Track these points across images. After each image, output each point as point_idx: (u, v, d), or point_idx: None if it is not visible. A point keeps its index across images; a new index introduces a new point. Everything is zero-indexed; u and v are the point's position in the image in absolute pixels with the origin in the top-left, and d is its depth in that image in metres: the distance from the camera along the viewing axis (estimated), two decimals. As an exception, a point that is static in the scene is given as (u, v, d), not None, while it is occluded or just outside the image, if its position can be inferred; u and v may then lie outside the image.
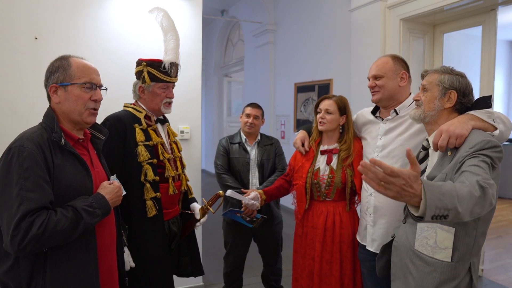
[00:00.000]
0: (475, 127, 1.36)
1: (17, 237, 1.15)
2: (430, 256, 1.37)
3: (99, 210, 1.33)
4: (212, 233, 4.23)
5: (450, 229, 1.32)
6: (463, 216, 1.09)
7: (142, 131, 1.87)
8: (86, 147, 1.46)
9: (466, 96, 1.43)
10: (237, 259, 2.76)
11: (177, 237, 2.04)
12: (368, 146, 1.96)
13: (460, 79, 1.44)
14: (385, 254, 1.62)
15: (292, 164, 2.22)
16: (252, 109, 2.72)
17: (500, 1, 2.95)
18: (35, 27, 2.46)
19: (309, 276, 2.05)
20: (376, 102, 1.90)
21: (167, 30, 2.02)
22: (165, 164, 1.90)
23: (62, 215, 1.23)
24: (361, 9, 3.79)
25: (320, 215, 2.04)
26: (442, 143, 1.36)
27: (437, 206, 1.04)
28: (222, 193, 2.13)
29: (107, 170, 1.56)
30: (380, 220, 1.84)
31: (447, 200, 1.05)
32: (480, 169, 1.19)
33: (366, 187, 1.91)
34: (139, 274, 1.82)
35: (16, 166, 1.20)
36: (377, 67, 1.85)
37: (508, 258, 3.90)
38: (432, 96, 1.46)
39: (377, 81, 1.84)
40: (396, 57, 1.88)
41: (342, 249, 2.01)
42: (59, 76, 1.35)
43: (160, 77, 1.90)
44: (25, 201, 1.18)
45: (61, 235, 1.22)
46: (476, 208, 1.11)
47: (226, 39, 8.47)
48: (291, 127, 5.66)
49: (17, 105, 2.42)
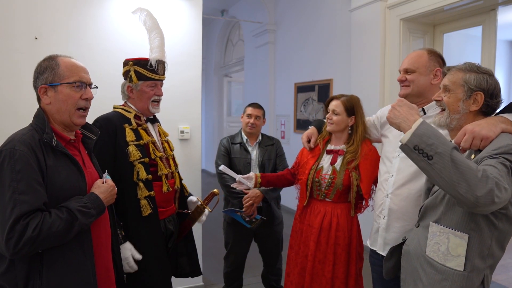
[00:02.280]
0: (505, 131, 1.22)
1: (12, 240, 1.15)
2: (441, 264, 1.27)
3: (93, 210, 1.32)
4: (212, 233, 4.23)
5: (464, 236, 1.22)
6: (447, 176, 1.07)
7: (132, 130, 1.87)
8: (78, 148, 1.46)
9: (494, 98, 1.29)
10: (237, 259, 2.76)
11: (174, 236, 2.04)
12: (389, 145, 1.85)
13: (488, 78, 1.28)
14: (394, 256, 1.54)
15: (299, 159, 2.21)
16: (254, 109, 2.72)
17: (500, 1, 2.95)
18: (35, 27, 2.46)
19: (300, 274, 2.04)
20: (403, 97, 1.72)
21: (151, 29, 2.02)
22: (157, 162, 1.90)
23: (56, 217, 1.22)
24: (361, 9, 3.79)
25: (318, 214, 2.03)
26: (465, 144, 1.24)
27: (424, 140, 1.12)
28: (217, 191, 2.13)
29: (99, 170, 1.55)
30: (394, 224, 1.75)
31: (439, 142, 1.10)
32: (494, 169, 1.10)
33: (383, 188, 1.81)
34: (137, 274, 1.81)
35: (8, 169, 1.19)
36: (410, 61, 1.72)
37: (508, 258, 3.90)
38: (456, 98, 1.31)
39: (407, 75, 1.71)
40: (432, 51, 1.73)
41: (336, 251, 1.98)
42: (47, 77, 1.34)
43: (147, 75, 1.90)
44: (18, 204, 1.17)
45: (56, 237, 1.22)
46: (463, 182, 1.05)
47: (226, 39, 8.47)
48: (291, 127, 5.66)
49: (17, 105, 2.42)
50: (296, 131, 5.53)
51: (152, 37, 2.00)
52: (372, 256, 1.90)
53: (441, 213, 1.30)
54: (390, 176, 1.78)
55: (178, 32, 2.86)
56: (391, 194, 1.76)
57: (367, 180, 1.97)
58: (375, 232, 1.86)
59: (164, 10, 2.80)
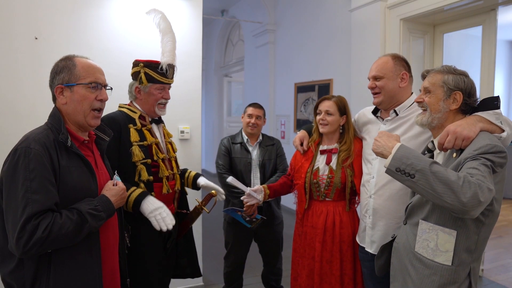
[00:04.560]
0: (483, 129, 1.32)
1: (22, 239, 1.15)
2: (430, 259, 1.35)
3: (104, 213, 1.32)
4: (212, 233, 4.23)
5: (452, 232, 1.30)
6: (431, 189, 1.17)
7: (137, 131, 1.87)
8: (91, 148, 1.46)
9: (471, 97, 1.39)
10: (238, 259, 2.76)
11: (173, 236, 2.04)
12: (368, 147, 1.94)
13: (465, 79, 1.39)
14: (384, 254, 1.61)
15: (293, 164, 2.22)
16: (254, 109, 2.72)
17: (500, 1, 2.95)
18: (35, 27, 2.46)
19: (309, 276, 2.05)
20: (377, 105, 1.88)
21: (165, 32, 2.03)
22: (159, 164, 1.91)
23: (67, 218, 1.22)
24: (361, 9, 3.79)
25: (320, 215, 2.04)
26: (448, 145, 1.33)
27: (403, 162, 1.24)
28: (215, 192, 2.13)
29: (111, 171, 1.55)
30: (379, 222, 1.83)
31: (417, 161, 1.22)
32: (477, 171, 1.17)
33: (366, 189, 1.90)
34: (136, 275, 1.81)
35: (23, 167, 1.19)
36: (377, 68, 1.82)
37: (508, 258, 3.90)
38: (436, 98, 1.40)
39: (377, 82, 1.81)
40: (396, 56, 1.84)
41: (342, 249, 2.00)
42: (64, 77, 1.34)
43: (157, 78, 1.90)
44: (30, 203, 1.17)
45: (65, 238, 1.22)
46: (448, 192, 1.14)
47: (226, 39, 8.47)
48: (291, 127, 5.66)
49: (17, 105, 2.42)
50: (296, 131, 5.53)
51: (165, 41, 2.00)
52: (361, 252, 1.96)
53: (428, 211, 1.37)
54: (371, 178, 1.87)
55: (178, 32, 2.83)
56: (374, 194, 1.84)
57: (361, 176, 2.00)
58: (362, 230, 1.94)
59: (164, 10, 2.78)
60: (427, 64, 3.58)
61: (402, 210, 1.64)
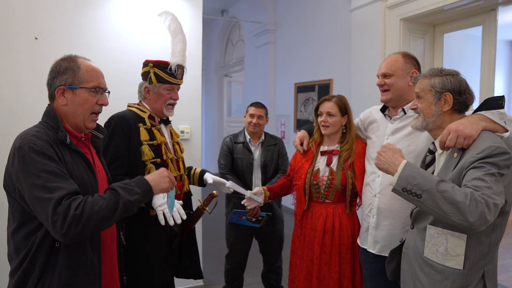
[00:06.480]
0: (486, 129, 1.30)
1: (58, 222, 1.13)
2: (440, 264, 1.32)
3: (137, 188, 1.31)
4: (212, 233, 4.23)
5: (462, 236, 1.27)
6: (438, 208, 1.16)
7: (146, 130, 1.89)
8: (88, 146, 1.47)
9: (462, 94, 1.37)
10: (239, 257, 2.76)
11: (178, 237, 2.04)
12: (373, 145, 1.91)
13: (451, 78, 1.38)
14: (395, 258, 1.59)
15: (293, 165, 2.21)
16: (256, 109, 2.72)
17: (500, 1, 2.94)
18: (35, 27, 2.46)
19: (307, 278, 2.03)
20: (385, 102, 1.85)
21: (176, 33, 2.04)
22: (168, 164, 1.91)
23: (98, 196, 1.22)
24: (361, 9, 3.79)
25: (320, 217, 2.02)
26: (450, 143, 1.31)
27: (410, 182, 1.22)
28: (216, 193, 2.13)
29: (107, 170, 1.56)
30: (383, 222, 1.80)
31: (424, 181, 1.20)
32: (483, 182, 1.16)
33: (371, 188, 1.87)
34: (141, 273, 1.82)
35: (35, 162, 1.18)
36: (387, 65, 1.80)
37: (508, 258, 3.90)
38: (427, 102, 1.41)
39: (386, 80, 1.79)
40: (407, 55, 1.81)
41: (341, 251, 1.99)
42: (67, 78, 1.33)
43: (166, 79, 1.91)
44: (56, 189, 1.16)
45: (102, 216, 1.20)
46: (455, 212, 1.14)
47: (226, 39, 8.47)
48: (291, 127, 5.66)
49: (17, 105, 2.42)
50: (296, 131, 5.53)
51: (175, 42, 2.01)
52: (362, 254, 1.94)
53: None
54: (377, 176, 1.84)
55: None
56: (379, 193, 1.82)
57: (362, 178, 1.98)
58: (364, 231, 1.91)
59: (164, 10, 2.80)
60: (427, 64, 3.57)
61: (407, 209, 1.63)
